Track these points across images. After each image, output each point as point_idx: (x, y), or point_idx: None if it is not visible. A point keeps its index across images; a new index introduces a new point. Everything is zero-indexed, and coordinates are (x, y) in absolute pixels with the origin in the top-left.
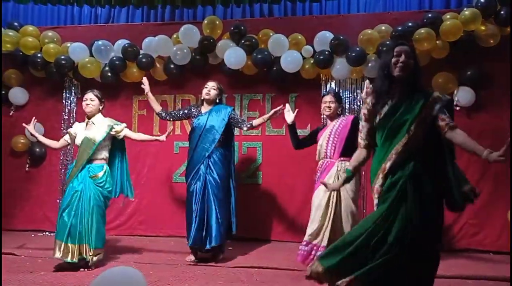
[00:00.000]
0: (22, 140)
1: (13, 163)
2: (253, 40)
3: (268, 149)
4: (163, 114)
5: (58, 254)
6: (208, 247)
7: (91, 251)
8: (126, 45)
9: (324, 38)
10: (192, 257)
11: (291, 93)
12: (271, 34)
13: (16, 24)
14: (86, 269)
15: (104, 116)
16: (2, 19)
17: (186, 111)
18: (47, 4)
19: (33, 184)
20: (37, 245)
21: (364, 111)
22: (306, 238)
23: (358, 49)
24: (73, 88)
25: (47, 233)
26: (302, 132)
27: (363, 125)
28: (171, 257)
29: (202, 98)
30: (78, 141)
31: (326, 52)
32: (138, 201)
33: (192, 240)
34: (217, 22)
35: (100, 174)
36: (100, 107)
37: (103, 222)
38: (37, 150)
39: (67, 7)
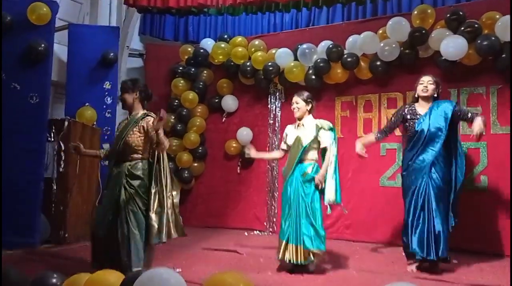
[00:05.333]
0: (234, 145)
1: (226, 165)
2: (476, 25)
3: (494, 150)
4: (379, 136)
5: (280, 254)
6: (433, 257)
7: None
8: (331, 46)
9: None
10: (413, 267)
11: None
12: (497, 16)
13: (226, 36)
14: (304, 272)
15: (314, 118)
16: (213, 33)
17: (398, 117)
18: (257, 13)
19: (243, 186)
20: (254, 244)
21: None
22: None
23: None
24: (277, 93)
25: (258, 232)
26: None
27: None
28: (390, 265)
29: (416, 95)
30: (290, 141)
31: None
32: (343, 205)
33: (418, 249)
34: (429, 11)
35: (309, 170)
36: (308, 108)
37: (315, 221)
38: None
39: (269, 15)
